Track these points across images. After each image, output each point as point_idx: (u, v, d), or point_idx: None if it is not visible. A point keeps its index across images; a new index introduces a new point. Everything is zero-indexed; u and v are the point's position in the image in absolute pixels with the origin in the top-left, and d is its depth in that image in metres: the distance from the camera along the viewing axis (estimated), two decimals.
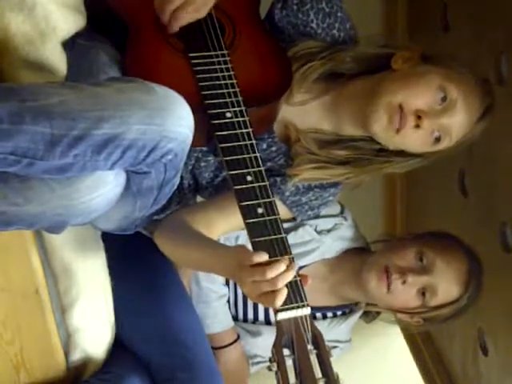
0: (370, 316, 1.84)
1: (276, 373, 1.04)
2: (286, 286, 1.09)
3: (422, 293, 1.62)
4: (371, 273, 1.65)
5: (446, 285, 1.62)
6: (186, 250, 1.36)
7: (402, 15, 2.20)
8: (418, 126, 1.38)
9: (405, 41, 2.19)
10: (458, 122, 1.40)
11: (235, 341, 1.75)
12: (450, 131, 1.41)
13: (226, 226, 1.46)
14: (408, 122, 1.38)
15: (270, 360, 1.05)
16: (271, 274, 1.09)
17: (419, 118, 1.37)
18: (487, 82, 1.47)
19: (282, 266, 1.10)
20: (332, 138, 1.51)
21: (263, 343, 1.71)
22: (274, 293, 1.08)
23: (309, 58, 1.47)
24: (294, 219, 1.57)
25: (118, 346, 1.58)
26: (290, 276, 1.10)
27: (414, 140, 1.41)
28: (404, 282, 1.61)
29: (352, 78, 1.49)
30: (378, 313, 1.82)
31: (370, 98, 1.41)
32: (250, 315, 1.77)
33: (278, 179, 1.48)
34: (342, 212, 1.80)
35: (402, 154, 1.48)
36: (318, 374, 1.05)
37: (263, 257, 1.11)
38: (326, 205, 1.57)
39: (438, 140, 1.41)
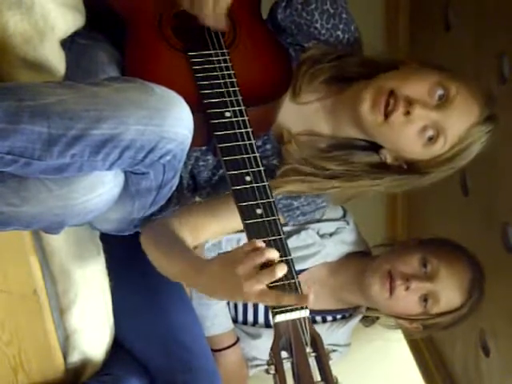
0: (369, 320, 1.83)
1: (274, 376, 1.02)
2: (284, 286, 1.08)
3: (424, 299, 1.61)
4: (374, 277, 1.64)
5: (449, 293, 1.62)
6: (167, 256, 1.31)
7: (403, 14, 2.20)
8: (408, 113, 1.33)
9: (406, 41, 2.19)
10: (453, 120, 1.36)
11: (235, 343, 1.74)
12: (444, 129, 1.35)
13: (214, 228, 1.43)
14: (399, 107, 1.33)
15: (268, 363, 1.04)
16: (269, 254, 1.07)
17: (410, 104, 1.33)
18: (491, 94, 1.43)
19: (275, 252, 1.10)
20: (327, 144, 1.48)
21: (263, 346, 1.70)
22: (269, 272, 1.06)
23: (321, 60, 1.46)
24: (286, 224, 1.55)
25: (117, 347, 1.58)
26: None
27: (405, 134, 1.36)
28: (407, 289, 1.60)
29: (356, 80, 1.47)
30: (378, 317, 1.81)
31: (363, 88, 1.38)
32: (250, 318, 1.76)
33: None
34: (344, 216, 1.80)
35: (397, 168, 1.44)
36: (317, 377, 1.03)
37: (257, 242, 1.09)
38: (319, 211, 1.53)
39: (430, 139, 1.36)
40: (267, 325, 1.75)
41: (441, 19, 1.96)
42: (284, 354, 1.06)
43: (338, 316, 1.80)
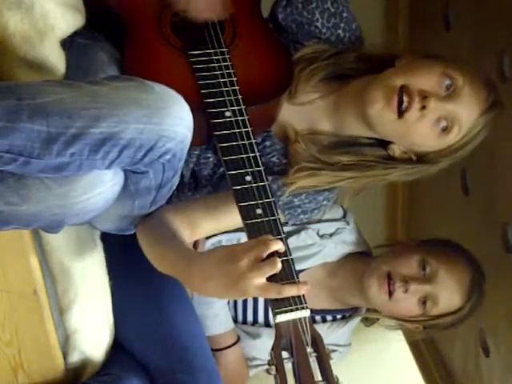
0: (369, 319, 1.83)
1: (275, 376, 1.02)
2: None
3: (423, 301, 1.61)
4: (373, 279, 1.64)
5: (448, 294, 1.61)
6: (159, 249, 1.27)
7: (403, 14, 2.19)
8: (424, 108, 1.32)
9: (406, 41, 2.18)
10: (465, 109, 1.35)
11: (235, 343, 1.74)
12: (458, 119, 1.35)
13: (212, 225, 1.42)
14: (414, 104, 1.32)
15: (269, 363, 1.03)
16: (274, 246, 1.06)
17: (425, 98, 1.32)
18: (490, 78, 1.45)
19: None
20: (331, 141, 1.48)
21: (262, 345, 1.70)
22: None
23: (315, 59, 1.46)
24: (286, 223, 1.54)
25: (117, 347, 1.57)
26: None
27: (420, 128, 1.35)
28: (406, 291, 1.60)
29: (356, 77, 1.47)
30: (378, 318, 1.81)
31: (369, 86, 1.38)
32: (250, 317, 1.76)
33: (270, 178, 1.44)
34: (344, 216, 1.80)
35: (407, 160, 1.45)
36: (318, 377, 1.03)
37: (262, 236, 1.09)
38: (319, 209, 1.53)
39: (444, 130, 1.36)
40: (267, 324, 1.75)
41: (441, 19, 1.96)
42: (285, 354, 1.05)
43: (338, 316, 1.80)
